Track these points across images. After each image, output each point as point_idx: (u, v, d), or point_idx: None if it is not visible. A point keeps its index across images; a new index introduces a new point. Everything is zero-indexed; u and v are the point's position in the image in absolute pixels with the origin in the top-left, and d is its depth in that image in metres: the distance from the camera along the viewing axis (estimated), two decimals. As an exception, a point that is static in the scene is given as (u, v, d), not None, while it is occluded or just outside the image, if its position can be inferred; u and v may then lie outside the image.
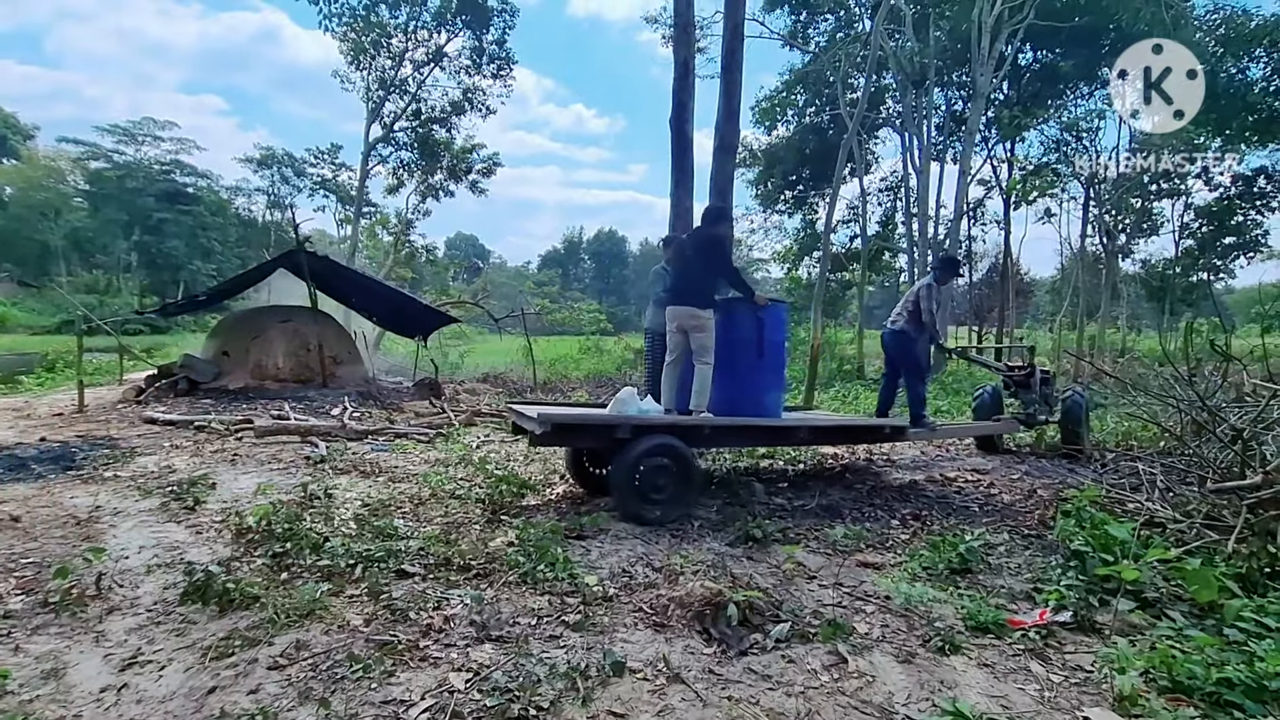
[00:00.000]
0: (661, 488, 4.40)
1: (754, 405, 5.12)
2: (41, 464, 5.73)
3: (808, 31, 22.92)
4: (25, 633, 2.75)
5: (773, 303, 5.37)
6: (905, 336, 6.20)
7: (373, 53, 21.88)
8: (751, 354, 5.11)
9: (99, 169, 45.09)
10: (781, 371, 5.50)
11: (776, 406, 5.33)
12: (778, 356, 5.35)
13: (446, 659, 2.56)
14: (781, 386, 5.50)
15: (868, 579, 3.53)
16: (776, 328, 5.31)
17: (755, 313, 5.13)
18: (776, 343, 5.30)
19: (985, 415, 7.14)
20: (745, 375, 5.16)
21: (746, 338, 5.13)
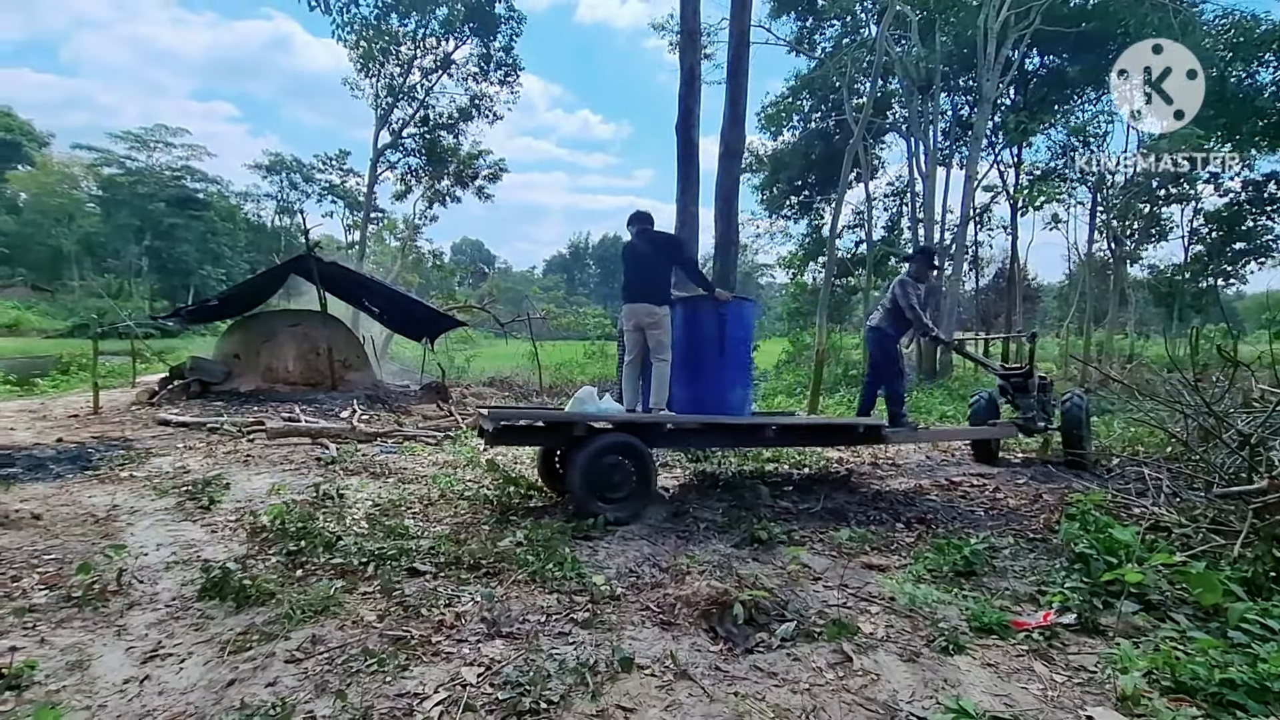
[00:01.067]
0: (618, 486, 4.40)
1: (717, 403, 5.05)
2: (59, 464, 5.83)
3: (814, 37, 23.00)
4: (50, 626, 2.82)
5: (737, 299, 5.32)
6: (882, 334, 6.09)
7: (382, 60, 22.10)
8: (714, 351, 5.07)
9: (111, 175, 45.67)
10: (746, 369, 5.38)
11: (741, 404, 5.23)
12: (741, 354, 5.26)
13: (459, 654, 2.62)
14: (747, 384, 5.38)
15: (873, 580, 3.57)
16: (739, 324, 5.21)
17: (717, 309, 5.09)
18: (739, 339, 5.21)
19: (981, 421, 6.85)
20: (708, 373, 5.11)
21: (709, 335, 5.08)
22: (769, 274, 43.03)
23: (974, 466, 6.74)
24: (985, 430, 6.67)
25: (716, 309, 5.09)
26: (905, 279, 5.97)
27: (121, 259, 46.74)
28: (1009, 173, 22.51)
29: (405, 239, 28.63)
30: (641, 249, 5.15)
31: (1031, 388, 6.50)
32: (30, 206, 45.90)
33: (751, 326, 5.45)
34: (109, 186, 45.85)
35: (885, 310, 6.10)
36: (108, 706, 2.29)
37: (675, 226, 7.93)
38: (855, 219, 25.01)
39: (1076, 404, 6.37)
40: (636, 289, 5.04)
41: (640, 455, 4.49)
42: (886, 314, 6.05)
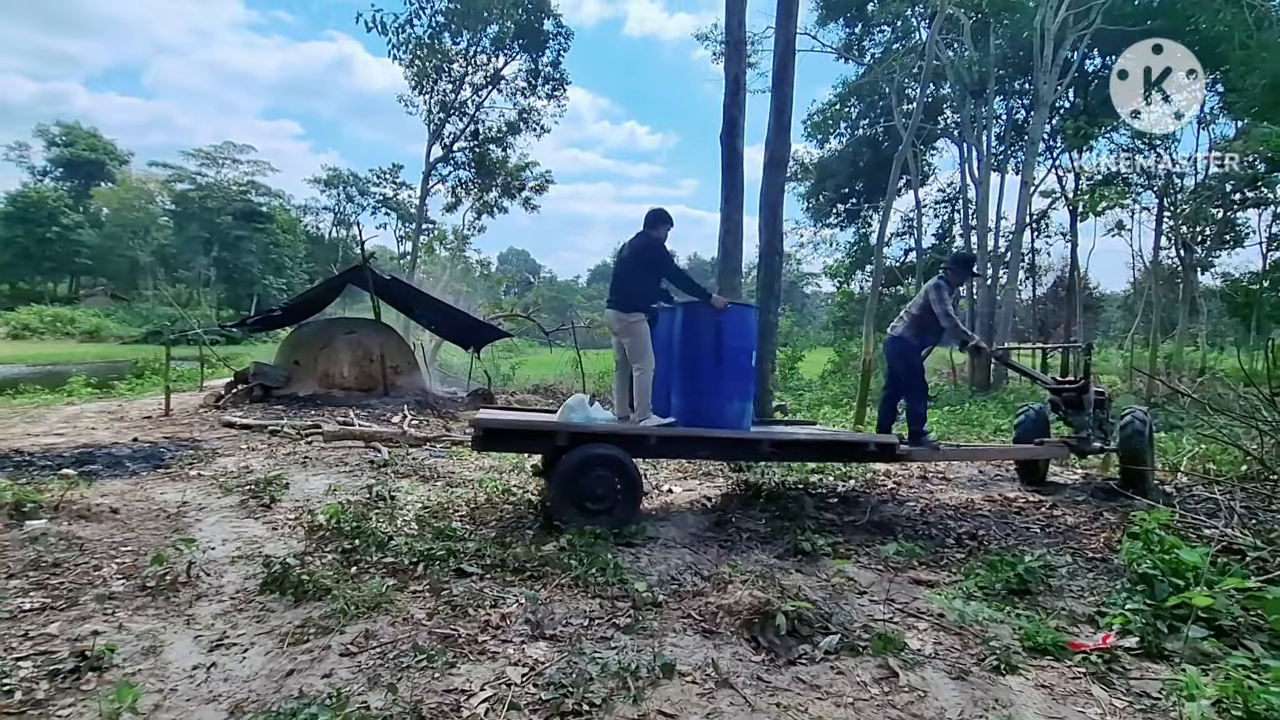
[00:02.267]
0: (600, 497, 4.28)
1: (714, 415, 4.78)
2: (135, 462, 6.20)
3: (862, 44, 22.73)
4: (127, 612, 3.01)
5: (736, 306, 5.06)
6: (904, 344, 5.57)
7: (435, 78, 22.84)
8: (711, 360, 4.80)
9: (184, 190, 48.38)
10: (745, 380, 5.02)
11: (738, 417, 4.90)
12: (740, 364, 4.92)
13: (504, 654, 2.68)
14: (747, 396, 5.03)
15: (920, 596, 3.49)
16: (738, 333, 4.91)
17: (714, 317, 4.82)
18: (737, 349, 4.89)
19: (1028, 439, 6.17)
20: (704, 383, 4.87)
21: (705, 343, 4.83)
22: (814, 283, 42.50)
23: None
24: (1029, 450, 6.07)
25: (713, 316, 4.82)
26: (940, 282, 5.45)
27: (191, 269, 49.41)
28: (1068, 178, 21.70)
29: (454, 249, 29.41)
30: (624, 254, 5.09)
31: (1087, 403, 5.90)
32: (111, 220, 49.02)
33: (753, 335, 5.11)
34: (181, 201, 48.62)
35: (911, 318, 5.57)
36: (178, 690, 2.44)
37: (720, 235, 7.94)
38: (904, 226, 24.51)
39: (1138, 422, 5.64)
40: (611, 294, 4.98)
41: (623, 467, 4.36)
42: (912, 321, 5.54)
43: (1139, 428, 5.56)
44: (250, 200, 49.50)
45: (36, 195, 46.63)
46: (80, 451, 6.65)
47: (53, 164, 52.57)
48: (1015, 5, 17.10)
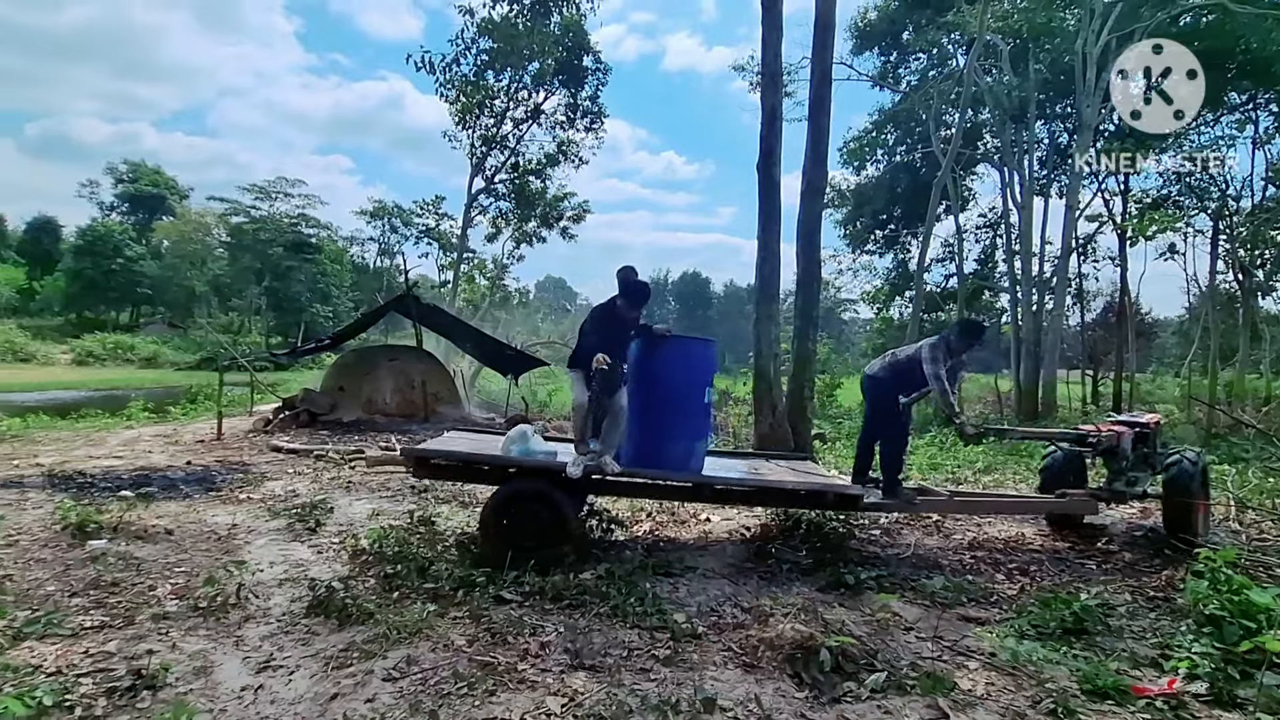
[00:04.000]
0: (530, 534, 4.02)
1: (654, 455, 4.43)
2: (188, 485, 6.43)
3: (898, 71, 22.72)
4: (180, 632, 3.10)
5: (682, 340, 4.74)
6: (880, 386, 5.04)
7: (478, 113, 23.63)
8: (651, 398, 4.45)
9: (238, 223, 50.61)
10: (692, 419, 4.53)
11: (683, 458, 4.45)
12: (686, 401, 4.49)
13: (543, 683, 2.67)
14: (694, 435, 4.54)
15: (970, 634, 3.36)
16: (682, 368, 4.54)
17: (654, 350, 4.52)
18: (684, 384, 4.50)
19: (1054, 486, 5.40)
20: (646, 421, 4.47)
21: (647, 379, 4.50)
22: (852, 309, 41.93)
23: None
24: (1048, 503, 5.27)
25: (652, 352, 4.52)
26: (937, 343, 4.80)
27: (243, 298, 51.45)
28: (1115, 201, 21.13)
29: (494, 278, 30.03)
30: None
31: (1122, 448, 5.08)
32: (170, 252, 51.54)
33: (705, 369, 4.62)
34: (236, 233, 50.85)
35: (893, 364, 5.03)
36: (228, 711, 2.49)
37: (757, 262, 7.94)
38: (944, 252, 24.11)
39: (1188, 464, 4.85)
40: None
41: (552, 504, 4.12)
42: (893, 368, 5.00)
43: (1189, 470, 4.82)
44: (300, 232, 51.49)
45: (104, 229, 49.42)
46: (137, 474, 6.93)
47: (119, 199, 55.81)
48: (1055, 30, 16.92)
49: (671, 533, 5.17)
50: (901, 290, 24.22)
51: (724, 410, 14.65)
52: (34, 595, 3.49)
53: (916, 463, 8.45)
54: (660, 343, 4.57)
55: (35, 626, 3.04)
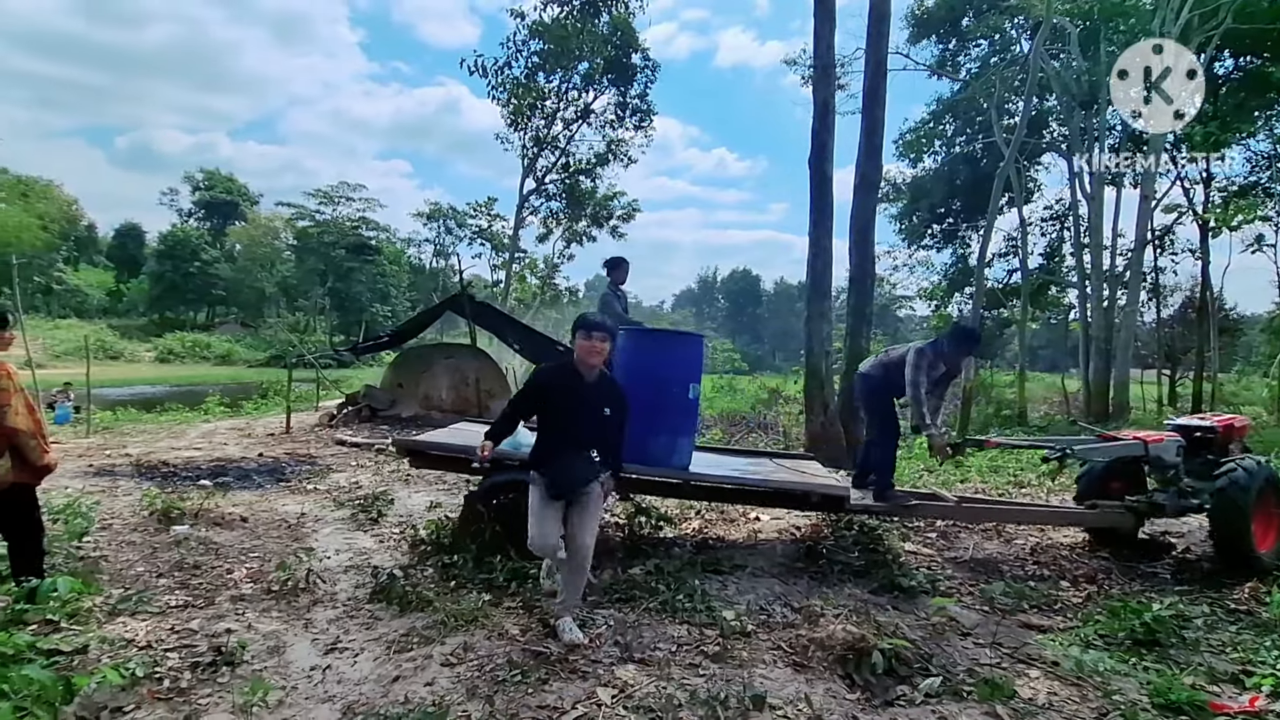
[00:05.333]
0: (510, 524, 3.95)
1: (637, 449, 4.21)
2: (260, 476, 6.80)
3: (957, 59, 21.94)
4: (255, 613, 3.30)
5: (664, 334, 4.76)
6: (870, 383, 4.79)
7: (529, 115, 24.03)
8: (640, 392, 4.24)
9: (304, 227, 52.95)
10: (675, 414, 4.42)
11: (665, 454, 4.35)
12: (668, 396, 4.36)
13: (594, 674, 2.72)
14: (676, 431, 4.40)
15: (1031, 641, 3.25)
16: (662, 363, 4.46)
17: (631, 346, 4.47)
18: (663, 380, 4.38)
19: (1092, 495, 4.94)
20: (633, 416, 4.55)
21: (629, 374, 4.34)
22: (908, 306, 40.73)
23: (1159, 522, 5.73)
24: (1067, 514, 4.90)
25: (635, 345, 4.49)
26: (924, 349, 4.50)
27: (309, 298, 53.79)
28: (1195, 189, 19.86)
29: (545, 277, 30.50)
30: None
31: (1165, 456, 4.59)
32: (242, 255, 54.39)
33: (688, 365, 4.47)
34: (301, 236, 53.23)
35: (884, 364, 4.75)
36: (298, 689, 2.64)
37: (808, 259, 7.84)
38: (1007, 246, 23.16)
39: (1240, 477, 4.25)
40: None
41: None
42: (883, 367, 4.74)
43: (1242, 481, 4.22)
44: (361, 234, 53.46)
45: (182, 234, 52.56)
46: (214, 465, 7.36)
47: (196, 206, 59.12)
48: (1130, 10, 16.02)
49: (720, 531, 5.17)
50: (961, 286, 23.38)
51: (775, 409, 14.49)
52: (125, 575, 3.77)
53: (975, 465, 8.17)
54: (642, 337, 4.55)
55: (128, 604, 3.29)
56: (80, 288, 51.62)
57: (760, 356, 55.47)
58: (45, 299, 45.92)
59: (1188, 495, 4.56)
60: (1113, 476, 4.97)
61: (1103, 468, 5.01)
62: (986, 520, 5.32)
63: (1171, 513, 4.64)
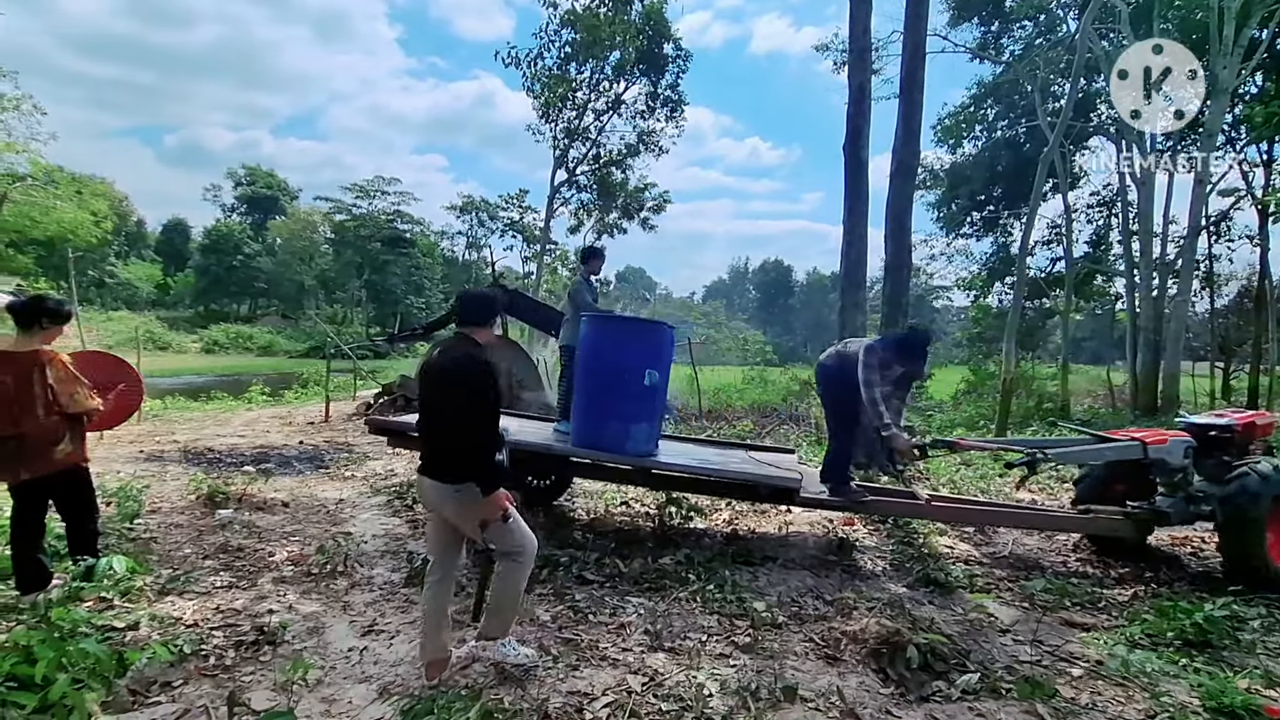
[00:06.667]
0: None
1: (592, 434, 4.38)
2: (301, 462, 6.98)
3: (1000, 41, 21.22)
4: (296, 595, 3.39)
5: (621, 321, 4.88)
6: (829, 375, 4.56)
7: (560, 106, 24.05)
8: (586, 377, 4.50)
9: (341, 220, 54.07)
10: (632, 401, 4.32)
11: (618, 440, 4.28)
12: (624, 383, 4.28)
13: (624, 662, 2.73)
14: (633, 418, 4.31)
15: (1074, 639, 3.15)
16: (618, 350, 4.38)
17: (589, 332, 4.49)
18: (619, 368, 4.30)
19: (1091, 499, 4.59)
20: (583, 400, 4.50)
21: (583, 359, 4.51)
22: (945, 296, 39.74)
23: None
24: (1052, 518, 4.57)
25: (590, 330, 4.50)
26: (874, 346, 4.29)
27: (346, 291, 55.02)
28: (1255, 173, 18.90)
29: (575, 269, 30.62)
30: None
31: (1171, 459, 4.16)
32: (282, 249, 55.77)
33: (642, 353, 4.35)
34: (339, 230, 54.41)
35: (841, 352, 4.55)
36: (336, 669, 2.70)
37: (842, 248, 7.70)
38: (1051, 234, 22.41)
39: (1252, 483, 3.86)
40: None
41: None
42: (839, 356, 4.52)
43: (1252, 487, 3.84)
44: (396, 228, 54.39)
45: (225, 229, 54.19)
46: (257, 451, 7.59)
47: (238, 201, 60.81)
48: (1185, -16, 15.28)
49: (751, 523, 5.13)
50: (1001, 275, 22.72)
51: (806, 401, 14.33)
52: (174, 556, 3.91)
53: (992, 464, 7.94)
54: (595, 324, 4.54)
55: (176, 584, 3.42)
56: (131, 281, 53.62)
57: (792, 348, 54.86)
58: (99, 292, 47.84)
59: (1196, 501, 4.12)
60: (1116, 479, 4.54)
61: (1105, 469, 4.61)
62: (962, 521, 4.97)
63: (1177, 521, 4.19)
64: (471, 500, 2.47)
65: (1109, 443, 4.37)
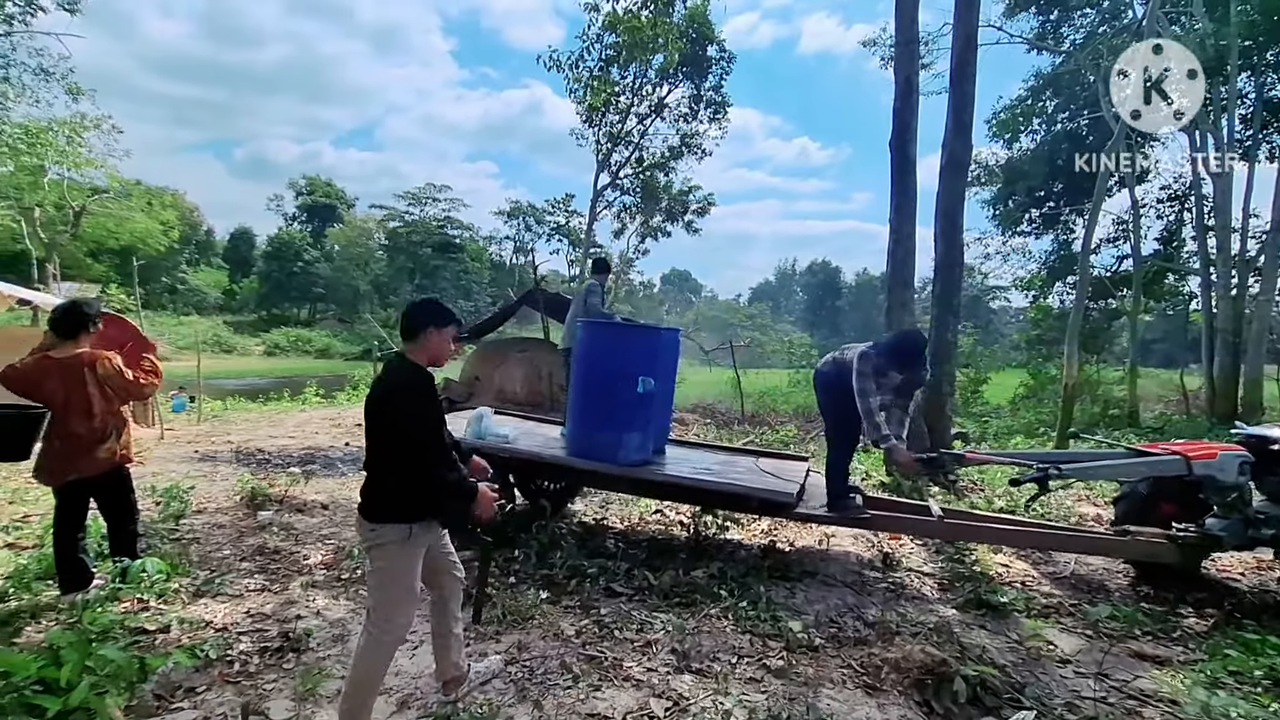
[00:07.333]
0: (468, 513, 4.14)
1: (582, 443, 4.30)
2: (345, 464, 7.11)
3: (1060, 30, 20.25)
4: (325, 600, 3.39)
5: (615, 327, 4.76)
6: (826, 382, 4.26)
7: (603, 110, 24.14)
8: (578, 385, 4.47)
9: (394, 227, 55.76)
10: (622, 410, 4.18)
11: (610, 449, 4.16)
12: (614, 391, 4.16)
13: (648, 683, 2.61)
14: (622, 427, 4.17)
15: (1145, 674, 2.87)
16: (609, 356, 4.28)
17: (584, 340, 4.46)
18: (607, 373, 4.22)
19: (1131, 518, 4.07)
20: (575, 408, 4.48)
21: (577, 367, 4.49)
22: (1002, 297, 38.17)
23: None
24: (1094, 540, 4.04)
25: (584, 336, 4.45)
26: (868, 352, 4.01)
27: (398, 295, 56.58)
28: (1349, 162, 17.48)
29: (619, 272, 30.68)
30: None
31: (1225, 474, 3.66)
32: (339, 255, 57.83)
33: (635, 360, 4.20)
34: (392, 237, 56.16)
35: (837, 359, 4.28)
36: (358, 679, 2.66)
37: (888, 247, 7.38)
38: (1117, 230, 21.23)
39: None
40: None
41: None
42: (836, 364, 4.25)
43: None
44: (446, 233, 55.79)
45: (286, 237, 56.53)
46: (304, 452, 7.77)
47: (299, 210, 63.38)
48: (1269, -39, 14.24)
49: (790, 534, 4.93)
50: (1062, 275, 21.64)
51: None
52: (212, 558, 3.98)
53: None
54: (589, 330, 4.47)
55: (211, 586, 3.46)
56: (200, 287, 56.40)
57: (840, 351, 53.97)
58: (171, 297, 50.50)
59: (1256, 524, 3.63)
60: (1163, 498, 4.00)
61: (1149, 487, 4.07)
62: (978, 541, 4.47)
63: (1231, 545, 3.70)
64: (382, 545, 2.21)
65: (1143, 457, 3.93)
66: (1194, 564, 3.93)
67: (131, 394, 3.34)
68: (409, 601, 2.27)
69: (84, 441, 3.15)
